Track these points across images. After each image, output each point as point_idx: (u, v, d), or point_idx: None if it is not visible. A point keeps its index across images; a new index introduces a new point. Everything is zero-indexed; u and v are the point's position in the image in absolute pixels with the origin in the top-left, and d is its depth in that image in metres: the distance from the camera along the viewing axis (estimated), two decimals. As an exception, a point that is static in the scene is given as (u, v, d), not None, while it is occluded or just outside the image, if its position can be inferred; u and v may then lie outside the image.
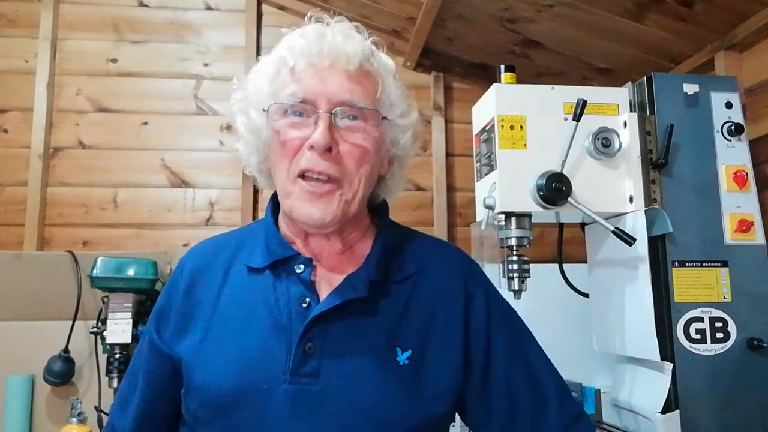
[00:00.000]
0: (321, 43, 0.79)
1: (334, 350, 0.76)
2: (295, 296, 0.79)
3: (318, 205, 0.78)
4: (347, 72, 0.79)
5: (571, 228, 1.39)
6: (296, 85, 0.78)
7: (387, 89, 0.84)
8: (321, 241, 0.84)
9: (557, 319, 1.68)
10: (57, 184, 2.02)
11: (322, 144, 0.75)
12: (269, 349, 0.76)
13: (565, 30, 1.67)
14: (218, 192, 2.07)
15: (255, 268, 0.82)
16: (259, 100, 0.83)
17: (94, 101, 2.07)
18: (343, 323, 0.77)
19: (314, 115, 0.78)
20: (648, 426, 1.17)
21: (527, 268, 1.18)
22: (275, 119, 0.80)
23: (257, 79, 0.85)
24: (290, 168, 0.79)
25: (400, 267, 0.84)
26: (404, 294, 0.82)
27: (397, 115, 0.85)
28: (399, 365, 0.77)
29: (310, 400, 0.73)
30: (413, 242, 0.89)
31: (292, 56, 0.80)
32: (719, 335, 1.16)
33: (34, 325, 1.68)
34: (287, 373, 0.74)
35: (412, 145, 0.89)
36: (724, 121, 1.24)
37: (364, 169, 0.80)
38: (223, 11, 2.17)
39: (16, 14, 2.08)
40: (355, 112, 0.79)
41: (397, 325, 0.79)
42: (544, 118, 1.19)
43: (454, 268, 0.87)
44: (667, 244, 1.19)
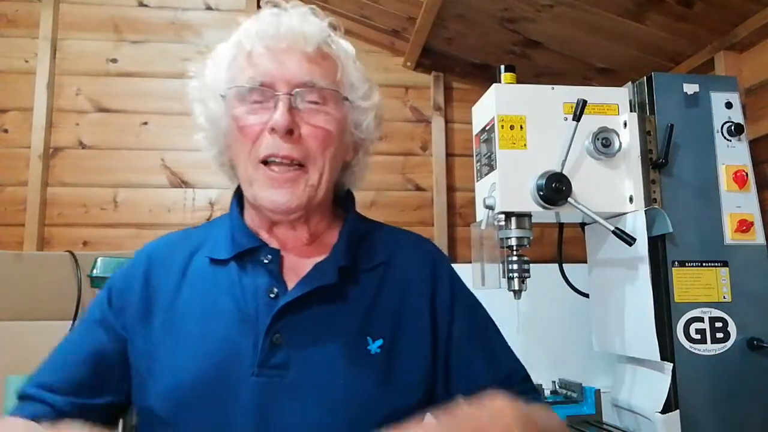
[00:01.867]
0: (277, 25, 0.77)
1: (304, 340, 0.74)
2: (263, 287, 0.77)
3: (283, 191, 0.76)
4: (305, 53, 0.77)
5: (571, 228, 1.39)
6: (253, 69, 0.77)
7: (347, 71, 0.82)
8: (287, 231, 0.83)
9: (557, 319, 1.68)
10: (57, 184, 2.02)
11: (283, 125, 0.74)
12: (235, 342, 0.74)
13: (565, 30, 1.67)
14: (218, 192, 2.07)
15: (219, 259, 0.80)
16: (216, 87, 0.81)
17: (94, 101, 2.07)
18: (313, 312, 0.75)
19: (273, 99, 0.76)
20: (648, 426, 1.17)
21: (527, 268, 1.18)
22: (233, 106, 0.78)
23: (214, 66, 0.83)
24: (251, 154, 0.77)
25: (369, 256, 0.83)
26: (374, 283, 0.81)
27: (358, 97, 0.83)
28: (371, 354, 0.75)
29: (279, 392, 0.71)
30: (380, 232, 0.88)
31: (248, 40, 0.78)
32: (719, 335, 1.16)
33: (34, 325, 1.68)
34: (255, 366, 0.72)
35: (375, 129, 0.87)
36: (724, 121, 1.24)
37: (329, 152, 0.78)
38: (223, 11, 2.17)
39: (16, 14, 2.08)
40: (316, 94, 0.77)
41: (368, 313, 0.78)
42: (544, 118, 1.19)
43: (422, 257, 0.86)
44: (667, 244, 1.19)
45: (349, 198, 0.91)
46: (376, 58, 2.19)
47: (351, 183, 0.91)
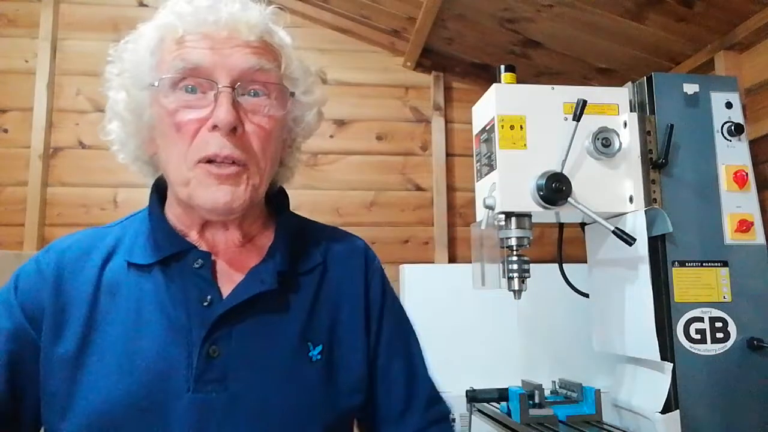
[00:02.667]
0: (216, 11, 0.69)
1: (242, 351, 0.69)
2: (194, 295, 0.70)
3: (224, 189, 0.69)
4: (247, 42, 0.70)
5: (571, 228, 1.39)
6: (189, 56, 0.68)
7: (291, 63, 0.76)
8: (218, 232, 0.76)
9: (557, 319, 1.68)
10: (57, 184, 2.02)
11: (227, 122, 0.67)
12: (166, 356, 0.67)
13: (565, 30, 1.67)
14: (218, 192, 2.07)
15: (140, 264, 0.72)
16: (139, 74, 0.72)
17: (94, 101, 2.07)
18: (251, 321, 0.70)
19: (212, 91, 0.69)
20: (648, 426, 1.17)
21: (527, 268, 1.18)
22: (164, 96, 0.69)
23: (136, 50, 0.74)
24: (188, 153, 0.69)
25: (305, 258, 0.78)
26: (312, 286, 0.77)
27: (301, 92, 0.78)
28: (312, 361, 0.72)
29: (217, 409, 0.66)
30: (314, 231, 0.84)
31: (181, 23, 0.69)
32: (719, 335, 1.16)
33: (34, 325, 1.67)
34: (190, 381, 0.66)
35: (315, 125, 0.81)
36: (724, 121, 1.24)
37: (270, 150, 0.72)
38: (223, 11, 2.17)
39: (16, 14, 2.08)
40: (259, 87, 0.71)
41: (308, 318, 0.74)
42: (544, 118, 1.19)
43: (355, 257, 0.83)
44: (667, 244, 1.19)
45: (282, 196, 0.85)
46: (376, 58, 2.20)
47: (284, 179, 0.85)
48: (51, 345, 0.69)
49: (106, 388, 0.66)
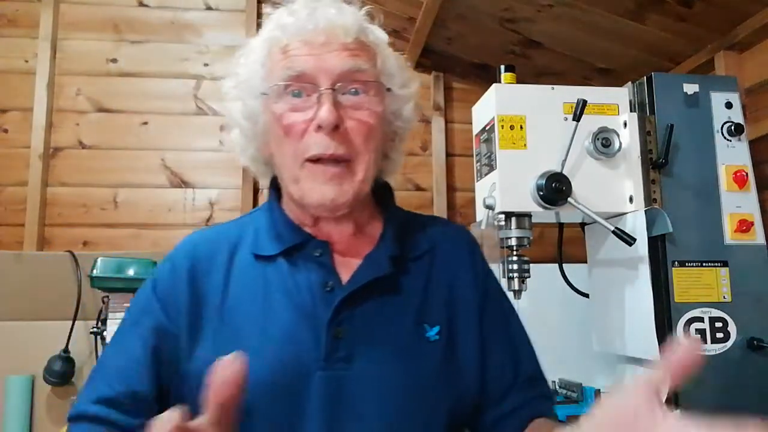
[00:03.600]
0: (313, 18, 0.75)
1: (364, 332, 0.74)
2: (317, 281, 0.76)
3: (330, 187, 0.74)
4: (344, 45, 0.75)
5: (571, 228, 1.39)
6: (293, 64, 0.75)
7: (386, 60, 0.81)
8: (331, 225, 0.81)
9: (557, 319, 1.68)
10: (57, 184, 2.02)
11: (330, 121, 0.72)
12: (297, 337, 0.73)
13: (565, 30, 1.67)
14: (218, 192, 2.08)
15: (265, 256, 0.79)
16: (252, 84, 0.80)
17: (94, 101, 2.07)
18: (370, 304, 0.75)
19: (315, 94, 0.74)
20: (648, 426, 1.17)
21: (527, 268, 1.18)
22: (274, 102, 0.76)
23: (248, 63, 0.81)
24: (296, 153, 0.75)
25: (414, 244, 0.83)
26: (423, 270, 0.81)
27: (398, 86, 0.82)
28: (430, 341, 0.76)
29: (346, 385, 0.71)
30: (420, 221, 0.88)
31: (284, 35, 0.76)
32: (719, 335, 1.16)
33: (34, 325, 1.68)
34: (320, 360, 0.72)
35: (414, 116, 0.86)
36: (724, 121, 1.24)
37: (372, 145, 0.77)
38: (223, 11, 2.17)
39: (16, 14, 2.08)
40: (358, 86, 0.76)
41: (422, 301, 0.78)
42: (544, 118, 1.19)
43: (462, 244, 0.87)
44: (667, 244, 1.19)
45: (387, 189, 0.89)
46: (376, 58, 2.19)
47: (388, 173, 0.89)
48: (189, 336, 0.75)
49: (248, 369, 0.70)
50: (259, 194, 2.09)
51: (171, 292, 0.77)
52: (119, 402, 0.72)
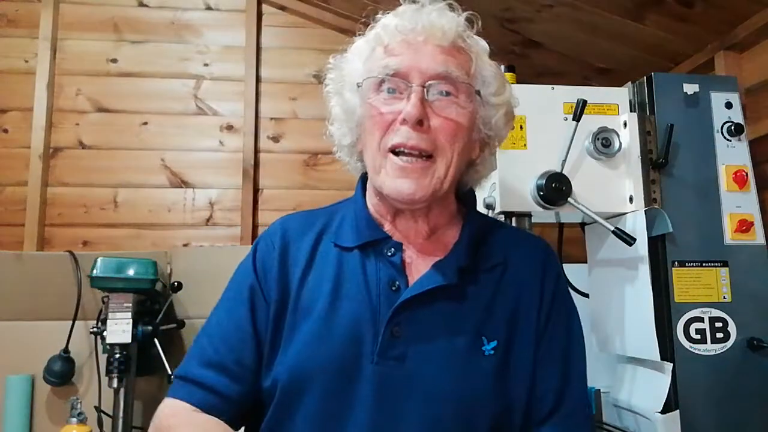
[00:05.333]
0: (415, 19, 0.78)
1: (421, 335, 0.76)
2: (385, 279, 0.79)
3: (410, 180, 0.76)
4: (441, 47, 0.78)
5: (571, 228, 1.39)
6: (389, 60, 0.78)
7: (481, 65, 0.83)
8: (408, 223, 0.83)
9: (557, 319, 1.68)
10: (57, 184, 2.02)
11: (414, 115, 0.75)
12: (358, 328, 0.76)
13: (565, 30, 1.67)
14: (218, 192, 2.07)
15: (344, 246, 0.82)
16: (353, 79, 0.83)
17: (94, 101, 2.07)
18: (431, 309, 0.77)
19: (407, 90, 0.77)
20: (648, 426, 1.17)
21: (527, 268, 1.18)
22: (368, 95, 0.80)
23: (351, 59, 0.85)
24: (381, 142, 0.78)
25: (487, 256, 0.83)
26: (491, 283, 0.81)
27: (490, 93, 0.83)
28: (484, 355, 0.77)
29: (395, 382, 0.74)
30: (498, 232, 0.88)
31: (386, 34, 0.80)
32: (719, 335, 1.16)
33: (34, 325, 1.68)
34: (375, 354, 0.75)
35: (504, 126, 0.86)
36: (724, 121, 1.24)
37: (458, 145, 0.78)
38: (223, 11, 2.17)
39: (16, 14, 2.08)
40: (448, 86, 0.78)
41: (484, 314, 0.79)
42: (544, 118, 1.19)
43: (536, 260, 0.86)
44: (667, 244, 1.19)
45: (471, 196, 0.91)
46: (376, 58, 2.19)
47: (474, 182, 0.90)
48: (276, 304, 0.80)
49: (309, 349, 0.76)
50: (259, 194, 2.09)
51: (266, 269, 0.83)
52: (226, 367, 0.78)
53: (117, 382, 1.49)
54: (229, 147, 2.10)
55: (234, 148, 2.09)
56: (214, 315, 0.84)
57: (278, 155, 2.12)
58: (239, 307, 0.82)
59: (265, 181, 2.10)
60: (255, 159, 2.08)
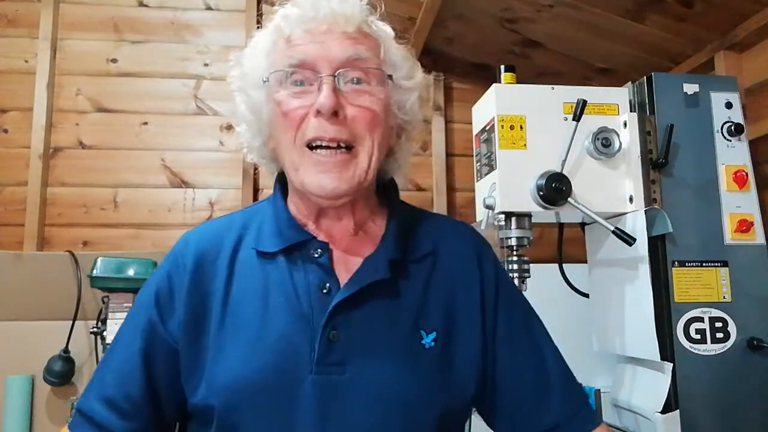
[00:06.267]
0: (316, 8, 0.75)
1: (359, 337, 0.73)
2: (314, 282, 0.75)
3: (332, 174, 0.73)
4: (346, 33, 0.75)
5: (571, 228, 1.39)
6: (294, 52, 0.75)
7: (389, 49, 0.80)
8: (333, 222, 0.80)
9: (557, 319, 1.67)
10: (57, 184, 2.02)
11: (328, 106, 0.71)
12: (291, 339, 0.72)
13: (565, 30, 1.67)
14: (218, 192, 2.07)
15: (266, 252, 0.78)
16: (256, 75, 0.79)
17: (94, 101, 2.07)
18: (366, 308, 0.74)
19: (316, 81, 0.74)
20: (648, 426, 1.17)
21: (527, 268, 1.18)
22: (275, 90, 0.76)
23: (253, 54, 0.81)
24: (296, 139, 0.75)
25: (416, 246, 0.81)
26: (423, 274, 0.79)
27: (401, 77, 0.80)
28: (425, 348, 0.75)
29: (337, 389, 0.71)
30: (425, 221, 0.86)
31: (287, 25, 0.76)
32: (719, 335, 1.16)
33: (34, 325, 1.68)
34: (313, 363, 0.71)
35: (418, 110, 0.84)
36: (724, 121, 1.24)
37: (376, 133, 0.76)
38: (223, 11, 2.17)
39: (16, 14, 2.08)
40: (359, 74, 0.75)
41: (420, 306, 0.77)
42: (544, 118, 1.19)
43: (468, 247, 0.84)
44: (667, 244, 1.19)
45: (392, 186, 0.87)
46: (376, 58, 2.19)
47: (394, 170, 0.87)
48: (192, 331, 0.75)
49: (241, 364, 0.72)
50: (259, 194, 2.08)
51: (170, 297, 0.77)
52: (115, 404, 0.74)
53: (117, 382, 1.49)
54: (229, 147, 2.09)
55: (234, 148, 2.08)
56: (115, 340, 0.80)
57: (278, 155, 2.12)
58: (134, 338, 0.76)
59: (265, 181, 2.10)
60: (255, 159, 2.08)
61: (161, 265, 0.82)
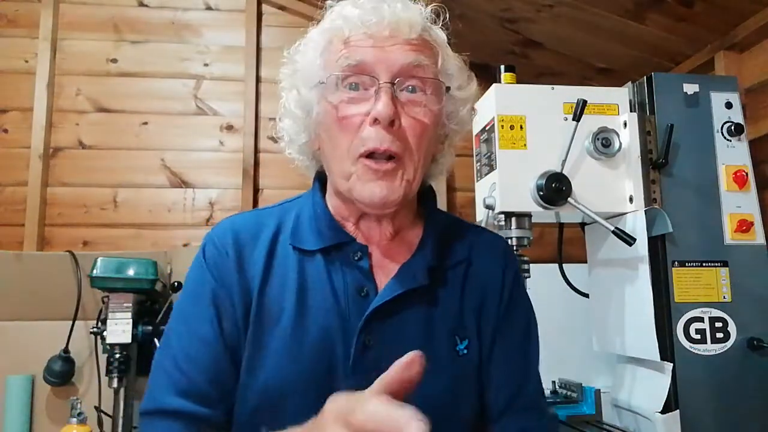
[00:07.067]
0: (379, 11, 0.73)
1: (395, 342, 0.72)
2: (353, 285, 0.74)
3: (381, 185, 0.72)
4: (408, 41, 0.73)
5: (571, 228, 1.39)
6: (354, 55, 0.72)
7: (447, 60, 0.79)
8: (372, 225, 0.79)
9: (557, 319, 1.68)
10: (57, 184, 2.01)
11: (387, 115, 0.70)
12: (329, 340, 0.72)
13: (565, 30, 1.66)
14: (218, 192, 2.07)
15: (305, 250, 0.77)
16: (309, 73, 0.77)
17: (94, 101, 2.07)
18: (403, 314, 0.74)
19: (373, 87, 0.72)
20: (648, 426, 1.17)
21: (527, 268, 1.18)
22: (329, 93, 0.74)
23: (306, 52, 0.78)
24: (351, 147, 0.73)
25: (452, 252, 0.81)
26: (458, 280, 0.79)
27: (456, 87, 0.80)
28: (459, 355, 0.75)
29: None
30: (460, 229, 0.85)
31: (347, 26, 0.74)
32: (719, 335, 1.16)
33: (34, 325, 1.68)
34: (348, 367, 0.71)
35: (469, 120, 0.84)
36: (724, 121, 1.24)
37: (424, 145, 0.75)
38: (223, 11, 2.17)
39: (16, 14, 2.08)
40: (417, 83, 0.74)
41: (456, 313, 0.77)
42: (544, 118, 1.19)
43: (496, 256, 0.84)
44: (667, 244, 1.19)
45: (430, 193, 0.87)
46: (376, 58, 2.19)
47: (435, 177, 0.87)
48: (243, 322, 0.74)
49: (280, 368, 0.71)
50: (259, 194, 2.08)
51: (225, 278, 0.75)
52: (202, 393, 0.71)
53: (117, 382, 1.49)
54: (229, 147, 2.09)
55: (234, 148, 2.08)
56: (173, 335, 0.75)
57: (278, 155, 2.12)
58: (202, 321, 0.73)
59: (265, 181, 2.10)
60: (255, 159, 2.08)
61: (200, 253, 0.79)
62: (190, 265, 0.79)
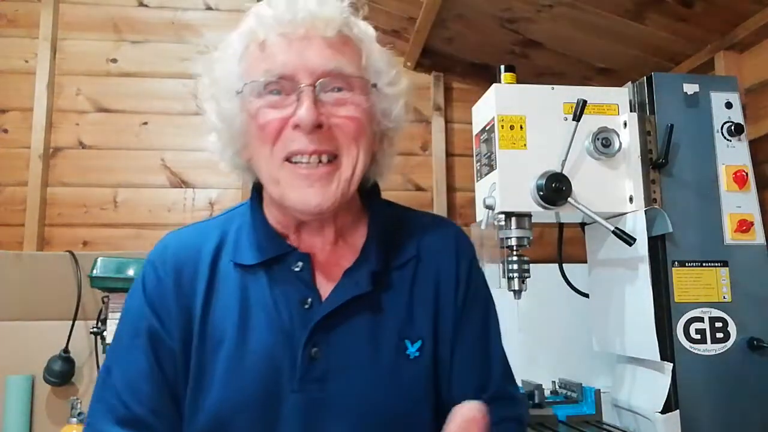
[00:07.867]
0: (293, 10, 0.69)
1: (341, 352, 0.71)
2: (295, 297, 0.72)
3: (314, 190, 0.69)
4: (326, 39, 0.70)
5: (571, 228, 1.39)
6: (270, 61, 0.69)
7: (372, 55, 0.75)
8: (313, 233, 0.77)
9: (557, 319, 1.68)
10: (57, 184, 2.01)
11: (308, 121, 0.67)
12: (273, 357, 0.70)
13: (565, 30, 1.66)
14: (218, 192, 2.07)
15: (245, 265, 0.74)
16: (228, 83, 0.74)
17: (94, 101, 2.07)
18: (348, 323, 0.72)
19: (295, 92, 0.69)
20: (648, 426, 1.17)
21: (527, 268, 1.18)
22: (249, 101, 0.71)
23: (224, 60, 0.76)
24: (273, 153, 0.70)
25: (399, 251, 0.78)
26: (406, 280, 0.76)
27: (385, 83, 0.76)
28: (410, 359, 0.73)
29: (320, 407, 0.69)
30: (408, 222, 0.82)
31: (262, 28, 0.71)
32: (719, 335, 1.16)
33: (34, 325, 1.68)
34: (295, 381, 0.69)
35: (403, 116, 0.79)
36: (724, 121, 1.24)
37: (361, 142, 0.72)
38: (223, 11, 2.17)
39: (16, 14, 2.08)
40: (341, 83, 0.70)
41: (404, 315, 0.74)
42: (544, 118, 1.19)
43: (449, 246, 0.81)
44: (667, 244, 1.19)
45: (374, 190, 0.84)
46: (376, 58, 2.19)
47: (377, 176, 0.84)
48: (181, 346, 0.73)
49: (223, 390, 0.70)
50: (259, 194, 2.09)
51: (163, 305, 0.74)
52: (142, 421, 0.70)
53: (117, 382, 1.49)
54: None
55: (234, 148, 2.08)
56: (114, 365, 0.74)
57: (278, 155, 2.12)
58: (141, 353, 0.72)
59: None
60: (255, 159, 2.08)
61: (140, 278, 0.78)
62: (130, 290, 0.78)
